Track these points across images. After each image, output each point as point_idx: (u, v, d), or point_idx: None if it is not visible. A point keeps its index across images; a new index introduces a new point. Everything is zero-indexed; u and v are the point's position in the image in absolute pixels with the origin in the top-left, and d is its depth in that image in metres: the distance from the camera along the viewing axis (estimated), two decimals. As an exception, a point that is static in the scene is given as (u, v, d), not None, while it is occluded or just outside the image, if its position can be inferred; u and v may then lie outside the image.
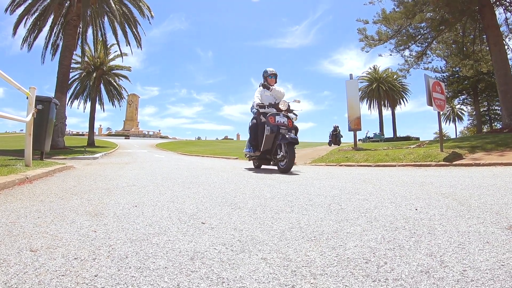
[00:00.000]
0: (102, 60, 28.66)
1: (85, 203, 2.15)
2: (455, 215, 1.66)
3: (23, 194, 2.48)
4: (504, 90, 12.85)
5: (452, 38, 17.11)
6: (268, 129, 5.21)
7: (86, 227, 1.51)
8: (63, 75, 15.59)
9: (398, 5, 15.59)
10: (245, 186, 3.09)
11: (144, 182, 3.37)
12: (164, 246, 1.23)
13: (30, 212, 1.84)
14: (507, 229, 1.37)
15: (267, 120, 5.26)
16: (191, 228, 1.50)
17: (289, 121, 5.30)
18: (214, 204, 2.11)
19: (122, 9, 17.46)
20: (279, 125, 5.20)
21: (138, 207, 2.00)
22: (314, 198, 2.33)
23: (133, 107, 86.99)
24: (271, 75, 5.87)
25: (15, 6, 15.30)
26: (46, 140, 6.58)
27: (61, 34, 16.82)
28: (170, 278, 0.93)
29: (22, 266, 1.02)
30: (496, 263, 1.00)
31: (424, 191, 2.51)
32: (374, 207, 1.93)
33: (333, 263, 1.04)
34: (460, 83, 31.21)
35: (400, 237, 1.30)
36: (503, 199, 2.04)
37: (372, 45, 16.44)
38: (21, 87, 4.19)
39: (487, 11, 13.54)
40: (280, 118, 5.25)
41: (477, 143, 7.73)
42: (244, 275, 0.95)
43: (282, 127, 5.19)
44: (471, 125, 46.54)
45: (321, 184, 3.22)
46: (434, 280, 0.89)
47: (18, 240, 1.30)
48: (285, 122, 5.25)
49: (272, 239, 1.32)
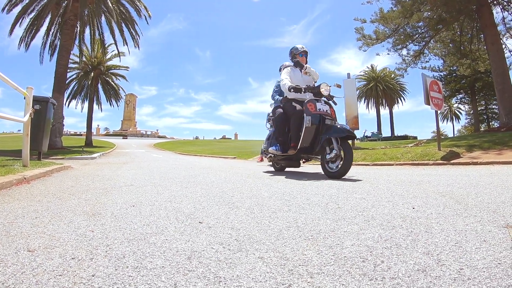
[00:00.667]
0: (100, 59, 28.59)
1: (82, 203, 2.15)
2: (452, 213, 1.66)
3: (21, 194, 2.48)
4: (502, 89, 12.90)
5: (450, 37, 17.15)
6: (309, 120, 4.02)
7: (84, 227, 1.50)
8: (60, 75, 15.52)
9: (395, 5, 15.60)
10: (242, 185, 3.09)
11: (141, 182, 3.37)
12: (161, 246, 1.23)
13: (28, 212, 1.84)
14: (504, 227, 1.37)
15: (306, 108, 4.09)
16: (189, 227, 1.50)
17: (331, 110, 4.24)
18: (212, 204, 2.11)
19: (120, 8, 17.40)
20: (322, 114, 4.09)
21: (135, 207, 2.00)
22: (311, 197, 2.33)
23: (131, 107, 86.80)
24: (302, 53, 4.71)
25: (12, 5, 15.23)
26: (43, 140, 6.56)
27: (58, 33, 16.76)
28: (167, 278, 0.93)
29: (19, 266, 1.02)
30: (493, 262, 1.00)
31: (422, 190, 2.52)
32: (371, 206, 1.93)
33: (330, 262, 1.04)
34: (457, 82, 31.32)
35: (397, 236, 1.30)
36: (500, 197, 2.05)
37: (369, 44, 16.45)
38: (18, 87, 4.18)
39: (484, 11, 13.58)
40: (321, 106, 4.15)
41: (475, 142, 7.76)
42: (241, 274, 0.95)
43: (327, 117, 4.10)
44: (469, 124, 46.73)
45: (319, 183, 3.22)
46: (431, 279, 0.89)
47: (15, 240, 1.30)
48: (328, 111, 4.17)
49: (269, 238, 1.32)
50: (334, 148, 3.74)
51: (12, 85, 3.97)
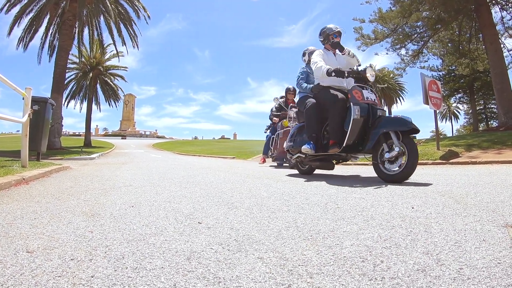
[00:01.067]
0: (99, 60, 28.54)
1: (81, 203, 2.14)
2: (451, 213, 1.67)
3: (20, 195, 2.47)
4: (500, 88, 12.91)
5: (448, 37, 17.17)
6: (357, 110, 3.35)
7: (83, 228, 1.50)
8: (59, 75, 15.51)
9: (394, 4, 15.61)
10: (241, 185, 3.09)
11: (140, 182, 3.36)
12: (160, 246, 1.22)
13: (27, 213, 1.83)
14: (503, 227, 1.37)
15: (352, 96, 3.44)
16: (188, 228, 1.50)
17: (377, 99, 3.64)
18: (211, 204, 2.11)
19: (118, 8, 17.39)
20: (370, 104, 3.47)
21: (134, 207, 2.00)
22: (310, 197, 2.33)
23: (130, 107, 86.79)
24: (337, 34, 4.00)
25: (11, 6, 15.20)
26: (42, 140, 6.55)
27: (57, 34, 16.74)
28: (166, 278, 0.93)
29: (18, 268, 1.01)
30: (493, 261, 1.00)
31: (421, 190, 2.52)
32: (370, 206, 1.93)
33: (330, 262, 1.04)
34: (456, 82, 31.31)
35: (396, 236, 1.30)
36: (499, 196, 2.05)
37: (368, 44, 16.45)
38: (16, 87, 4.17)
39: (483, 10, 13.59)
40: (368, 94, 3.51)
41: (474, 141, 7.77)
42: (240, 275, 0.95)
43: (378, 108, 3.52)
44: (468, 123, 46.73)
45: (318, 183, 3.22)
46: (430, 279, 0.89)
47: (14, 241, 1.30)
48: (375, 99, 3.54)
49: (269, 238, 1.32)
50: (395, 145, 3.06)
51: (11, 85, 3.96)
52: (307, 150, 3.78)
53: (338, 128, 3.52)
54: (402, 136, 3.09)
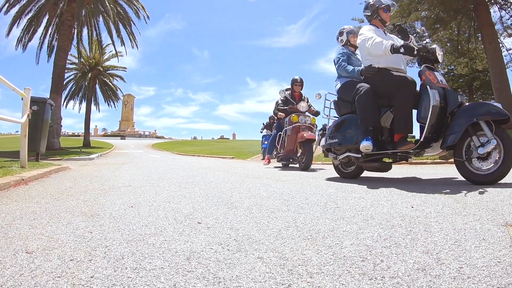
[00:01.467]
0: (97, 60, 28.55)
1: (81, 204, 2.14)
2: (451, 212, 1.67)
3: (19, 196, 2.47)
4: (499, 88, 12.93)
5: (447, 36, 17.18)
6: (434, 94, 2.78)
7: (82, 228, 1.50)
8: (58, 76, 15.48)
9: (393, 4, 15.62)
10: (241, 185, 3.09)
11: (140, 182, 3.36)
12: (160, 247, 1.22)
13: (26, 213, 1.83)
14: (503, 226, 1.37)
15: (427, 79, 2.89)
16: (187, 228, 1.50)
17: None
18: (210, 204, 2.11)
19: (117, 8, 17.38)
20: (446, 89, 2.91)
21: (134, 208, 2.00)
22: (310, 196, 2.33)
23: (129, 107, 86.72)
24: (386, 8, 3.42)
25: (10, 6, 15.18)
26: (41, 141, 6.53)
27: (56, 34, 16.72)
28: (166, 279, 0.93)
29: (18, 268, 1.01)
30: (493, 260, 1.00)
31: (420, 189, 2.52)
32: (370, 205, 1.93)
33: (330, 262, 1.04)
34: (455, 81, 31.32)
35: (396, 235, 1.30)
36: (499, 196, 2.05)
37: (368, 44, 16.44)
38: (15, 88, 4.16)
39: (482, 10, 13.60)
40: (441, 77, 2.98)
41: (473, 140, 7.75)
42: (240, 275, 0.95)
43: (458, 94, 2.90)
44: (467, 123, 46.71)
45: (317, 182, 3.22)
46: (430, 278, 0.89)
47: (13, 242, 1.29)
48: (444, 82, 2.98)
49: (269, 238, 1.32)
50: (489, 138, 2.46)
51: (10, 86, 3.95)
52: (368, 147, 3.06)
53: (408, 118, 3.01)
54: (495, 129, 2.49)
